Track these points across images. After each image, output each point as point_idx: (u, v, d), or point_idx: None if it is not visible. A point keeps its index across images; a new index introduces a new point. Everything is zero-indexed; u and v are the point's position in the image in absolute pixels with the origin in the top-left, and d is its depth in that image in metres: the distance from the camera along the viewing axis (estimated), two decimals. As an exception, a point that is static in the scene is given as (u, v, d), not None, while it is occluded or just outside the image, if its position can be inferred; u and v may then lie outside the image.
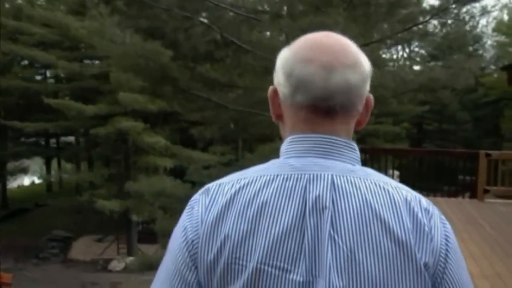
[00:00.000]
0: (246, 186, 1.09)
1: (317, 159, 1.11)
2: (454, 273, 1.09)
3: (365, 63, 1.15)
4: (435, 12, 13.95)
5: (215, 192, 1.11)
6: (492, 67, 34.25)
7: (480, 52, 36.40)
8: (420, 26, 15.72)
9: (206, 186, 1.15)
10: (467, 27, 32.40)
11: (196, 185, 14.63)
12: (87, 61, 31.55)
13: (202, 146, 26.52)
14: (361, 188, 1.07)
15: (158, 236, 15.25)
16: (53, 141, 40.29)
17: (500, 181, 11.82)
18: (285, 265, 1.02)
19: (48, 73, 36.31)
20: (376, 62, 20.43)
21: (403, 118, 30.45)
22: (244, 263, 1.03)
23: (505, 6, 30.19)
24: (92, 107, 25.13)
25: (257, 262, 1.02)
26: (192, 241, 1.08)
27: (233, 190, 1.10)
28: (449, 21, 16.66)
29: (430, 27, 17.02)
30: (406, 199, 1.08)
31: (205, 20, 14.14)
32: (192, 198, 1.15)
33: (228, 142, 25.43)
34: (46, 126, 28.69)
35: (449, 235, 1.10)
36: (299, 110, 1.14)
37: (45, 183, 43.25)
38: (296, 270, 1.02)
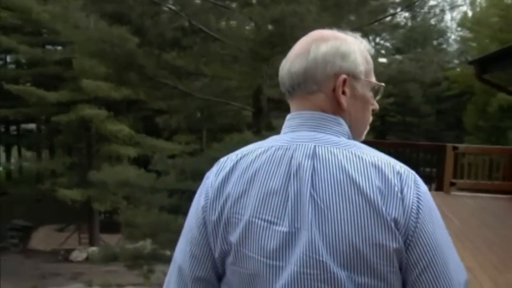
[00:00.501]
0: (245, 156, 1.35)
1: (307, 132, 1.33)
2: (426, 229, 1.23)
3: (316, 52, 1.36)
4: (406, 4, 13.94)
5: (223, 162, 1.39)
6: (456, 61, 34.68)
7: (444, 46, 36.81)
8: (390, 18, 15.73)
9: (219, 159, 1.42)
10: (432, 21, 32.71)
11: (161, 175, 14.36)
12: (49, 47, 30.75)
13: (166, 135, 26.17)
14: (339, 156, 1.26)
15: (121, 226, 14.91)
16: (13, 128, 39.26)
17: (466, 174, 11.91)
18: (272, 219, 1.24)
19: (8, 58, 35.26)
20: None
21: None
22: (240, 216, 1.28)
23: (473, 1, 30.53)
24: (54, 94, 24.52)
25: (249, 216, 1.26)
26: (203, 206, 1.35)
27: (235, 160, 1.35)
28: (419, 14, 16.69)
29: (400, 20, 17.07)
30: (378, 164, 1.24)
31: (173, 7, 13.83)
32: (209, 171, 1.41)
33: (192, 131, 25.18)
34: (6, 113, 27.84)
35: (421, 195, 1.24)
36: (286, 97, 1.46)
37: (5, 171, 42.24)
38: (281, 222, 1.23)
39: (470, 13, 30.65)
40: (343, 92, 1.36)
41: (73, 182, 25.17)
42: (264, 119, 14.45)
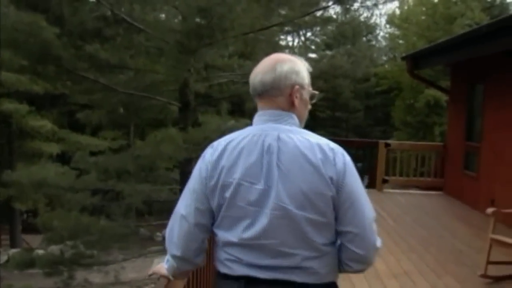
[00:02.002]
0: (232, 141, 1.98)
1: (271, 124, 1.99)
2: (349, 183, 1.91)
3: (281, 66, 2.02)
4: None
5: (216, 146, 2.01)
6: (384, 58, 35.16)
7: (373, 42, 37.29)
8: (321, 12, 15.52)
9: (212, 144, 2.04)
10: (362, 18, 33.02)
11: (82, 173, 13.56)
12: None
13: (92, 130, 25.16)
14: (294, 139, 1.93)
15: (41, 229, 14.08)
16: None
17: (398, 171, 11.84)
18: (253, 181, 1.90)
19: None
20: (275, 48, 20.07)
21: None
22: (232, 180, 1.91)
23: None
24: (-31, 88, 23.07)
25: (238, 179, 1.90)
26: (205, 176, 1.98)
27: (224, 144, 1.99)
28: (352, 8, 16.57)
29: (332, 13, 16.88)
30: (319, 143, 1.93)
31: (95, -6, 13.06)
32: (205, 151, 2.04)
33: (119, 126, 24.34)
34: None
35: (346, 163, 1.93)
36: (255, 99, 2.09)
37: None
38: (258, 183, 1.89)
39: (398, 11, 31.01)
40: (296, 97, 2.03)
41: (-8, 180, 23.80)
42: (191, 114, 13.90)
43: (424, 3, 26.23)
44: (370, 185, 11.99)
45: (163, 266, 2.23)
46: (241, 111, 18.70)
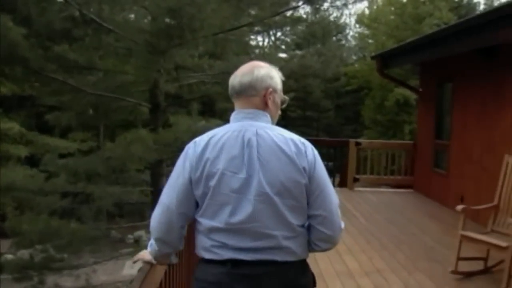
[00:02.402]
0: (214, 136, 2.21)
1: (248, 121, 2.24)
2: (318, 172, 2.20)
3: (258, 71, 2.30)
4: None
5: (198, 141, 2.22)
6: (354, 57, 35.39)
7: (343, 42, 37.52)
8: (291, 12, 15.53)
9: (194, 140, 2.25)
10: (332, 18, 33.23)
11: (51, 176, 13.34)
12: None
13: (61, 132, 24.79)
14: (270, 134, 2.19)
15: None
16: None
17: (368, 169, 11.91)
18: (235, 171, 2.13)
19: None
20: (245, 48, 20.04)
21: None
22: (215, 170, 2.13)
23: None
24: None
25: (222, 169, 2.12)
26: (189, 170, 2.18)
27: (207, 139, 2.21)
28: (322, 8, 16.61)
29: (302, 13, 16.88)
30: (293, 138, 2.21)
31: (62, -6, 12.86)
32: (187, 146, 2.25)
33: (89, 128, 24.03)
34: None
35: (315, 155, 2.22)
36: (232, 98, 2.35)
37: None
38: (240, 173, 2.12)
39: (367, 11, 31.26)
40: (269, 98, 2.31)
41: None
42: (162, 115, 13.80)
43: (393, 3, 26.51)
44: (341, 184, 12.05)
45: (145, 252, 2.51)
46: (211, 111, 18.66)
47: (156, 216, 2.29)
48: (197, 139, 2.23)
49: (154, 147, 11.89)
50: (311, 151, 2.20)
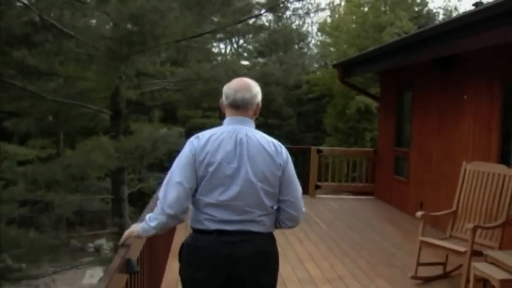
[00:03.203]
0: (214, 135, 2.80)
1: (239, 126, 2.85)
2: (289, 168, 2.86)
3: (254, 89, 2.93)
4: (270, 5, 13.79)
5: (201, 136, 2.82)
6: (316, 65, 35.60)
7: (305, 50, 37.73)
8: (254, 20, 15.57)
9: (196, 135, 2.84)
10: (294, 26, 33.32)
11: (10, 184, 13.05)
12: None
13: (20, 139, 24.28)
14: (256, 136, 2.83)
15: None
16: None
17: (330, 177, 11.99)
18: (229, 161, 2.73)
19: None
20: (207, 55, 20.00)
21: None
22: (214, 160, 2.72)
23: (333, 8, 31.45)
24: None
25: (219, 160, 2.72)
26: (193, 153, 2.76)
27: (208, 135, 2.80)
28: (284, 16, 16.69)
29: (264, 22, 16.91)
30: (272, 141, 2.86)
31: (23, -1, 12.61)
32: (191, 139, 2.84)
33: (48, 135, 23.60)
34: None
35: (288, 155, 2.87)
36: (229, 107, 2.93)
37: None
38: (233, 163, 2.73)
39: (329, 20, 31.49)
40: (257, 111, 2.97)
41: None
42: (123, 122, 13.66)
43: (354, 12, 26.77)
44: (302, 191, 12.07)
45: (132, 229, 3.01)
46: (173, 118, 18.54)
47: (167, 194, 2.76)
48: (199, 135, 2.86)
49: (115, 155, 11.75)
50: (285, 152, 2.90)
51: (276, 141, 2.92)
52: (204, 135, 2.84)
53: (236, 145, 2.79)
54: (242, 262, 2.75)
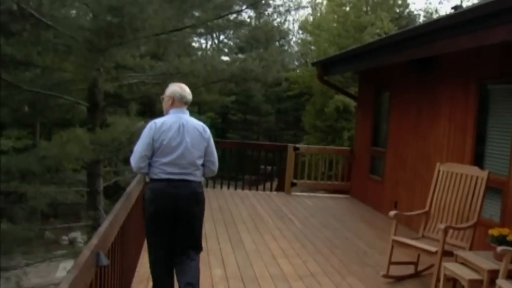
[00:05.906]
0: (166, 120, 4.46)
1: (181, 115, 4.53)
2: (211, 142, 4.62)
3: (188, 91, 4.71)
4: (251, 1, 13.76)
5: (157, 122, 4.42)
6: (296, 63, 35.67)
7: (286, 48, 37.80)
8: (235, 16, 15.52)
9: (154, 121, 4.45)
10: (275, 23, 33.35)
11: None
12: None
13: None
14: (192, 121, 4.55)
15: None
16: None
17: (306, 175, 12.01)
18: (175, 137, 4.39)
19: None
20: (187, 49, 19.90)
21: (209, 107, 30.47)
22: (166, 137, 4.36)
23: (315, 6, 31.50)
24: None
25: (169, 136, 4.37)
26: (153, 134, 4.36)
27: (161, 122, 4.43)
28: (266, 12, 16.67)
29: (245, 18, 16.86)
30: (201, 124, 4.61)
31: (-1, -13, 12.41)
32: (150, 123, 4.44)
33: (24, 126, 23.32)
34: None
35: (209, 134, 4.62)
36: (177, 102, 4.60)
37: None
38: (178, 138, 4.39)
39: (311, 18, 31.55)
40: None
41: None
42: (100, 114, 13.54)
43: (336, 11, 26.82)
44: (278, 188, 12.14)
45: None
46: (151, 112, 18.41)
47: (135, 155, 4.38)
48: (156, 121, 4.41)
49: (91, 147, 11.64)
50: (208, 131, 4.55)
51: (203, 124, 4.58)
52: (160, 120, 4.41)
53: (179, 127, 4.38)
54: (182, 198, 4.32)
